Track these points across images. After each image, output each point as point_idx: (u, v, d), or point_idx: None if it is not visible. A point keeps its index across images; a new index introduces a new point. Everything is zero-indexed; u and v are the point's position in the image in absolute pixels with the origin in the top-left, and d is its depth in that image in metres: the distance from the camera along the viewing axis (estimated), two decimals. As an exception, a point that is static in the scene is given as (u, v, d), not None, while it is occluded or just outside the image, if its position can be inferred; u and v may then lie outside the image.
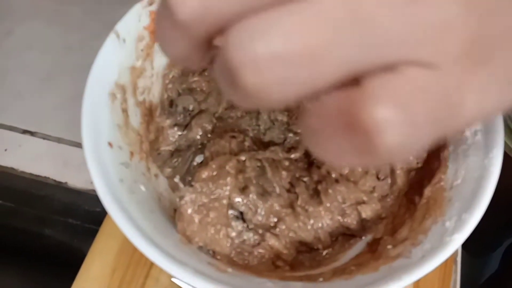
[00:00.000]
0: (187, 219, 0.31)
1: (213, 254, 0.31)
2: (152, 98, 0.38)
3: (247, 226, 0.32)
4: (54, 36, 0.56)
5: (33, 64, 0.54)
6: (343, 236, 0.33)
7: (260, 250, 0.31)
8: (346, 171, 0.33)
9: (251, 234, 0.32)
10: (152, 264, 0.37)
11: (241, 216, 0.32)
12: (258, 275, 0.29)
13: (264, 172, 0.33)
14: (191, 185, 0.32)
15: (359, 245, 0.33)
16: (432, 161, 0.34)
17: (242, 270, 0.30)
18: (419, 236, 0.29)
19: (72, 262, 0.39)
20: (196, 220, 0.31)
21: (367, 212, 0.32)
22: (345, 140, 0.12)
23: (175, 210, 0.34)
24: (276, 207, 0.32)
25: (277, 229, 0.32)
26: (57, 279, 0.43)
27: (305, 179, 0.33)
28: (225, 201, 0.32)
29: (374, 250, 0.31)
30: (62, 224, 0.46)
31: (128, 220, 0.28)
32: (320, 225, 0.32)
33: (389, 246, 0.30)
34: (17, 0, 0.60)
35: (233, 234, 0.32)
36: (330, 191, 0.32)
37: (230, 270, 0.29)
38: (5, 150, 0.48)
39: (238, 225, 0.32)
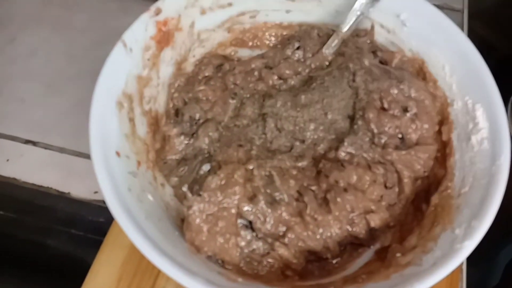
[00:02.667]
0: (195, 228, 0.31)
1: (222, 263, 0.31)
2: (158, 107, 0.38)
3: (256, 235, 0.32)
4: (58, 43, 0.56)
5: (37, 71, 0.54)
6: (352, 245, 0.33)
7: (270, 260, 0.31)
8: (354, 180, 0.33)
9: (260, 244, 0.32)
10: (158, 274, 0.37)
11: (250, 225, 0.32)
12: (268, 285, 0.29)
13: (272, 181, 0.33)
14: (199, 195, 0.32)
15: (367, 254, 0.33)
16: (438, 169, 0.35)
17: (252, 279, 0.30)
18: (429, 244, 0.29)
19: (76, 273, 0.38)
20: (205, 229, 0.31)
21: (375, 221, 0.32)
22: None
23: (182, 220, 0.33)
24: (285, 216, 0.32)
25: (286, 238, 0.32)
26: (61, 290, 0.43)
27: (313, 188, 0.33)
28: (233, 210, 0.32)
29: (383, 258, 0.31)
30: (65, 234, 0.45)
31: (137, 230, 0.27)
32: (329, 234, 0.32)
33: (398, 254, 0.30)
34: (21, 7, 0.60)
35: (243, 243, 0.31)
36: (338, 200, 0.32)
37: (240, 280, 0.29)
38: (7, 160, 0.47)
39: (247, 234, 0.32)
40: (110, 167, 0.30)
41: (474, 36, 0.56)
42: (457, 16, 0.57)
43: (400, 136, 0.35)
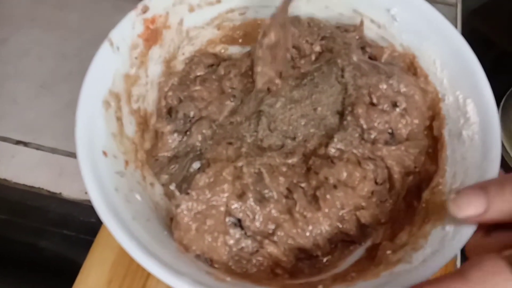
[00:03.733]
0: (183, 227, 0.31)
1: (211, 262, 0.31)
2: (147, 106, 0.38)
3: (245, 233, 0.31)
4: (51, 43, 0.56)
5: (29, 72, 0.54)
6: (343, 242, 0.33)
7: (259, 258, 0.31)
8: (343, 177, 0.32)
9: (249, 242, 0.31)
10: (149, 275, 0.36)
11: (239, 223, 0.32)
12: (258, 284, 0.29)
13: (262, 178, 0.33)
14: (187, 193, 0.32)
15: (358, 252, 0.33)
16: (430, 165, 0.34)
17: (241, 278, 0.29)
18: (420, 241, 0.29)
19: (68, 273, 0.38)
20: (193, 228, 0.31)
21: (366, 217, 0.32)
22: None
23: (171, 219, 0.33)
24: (274, 213, 0.31)
25: (275, 236, 0.31)
26: (53, 291, 0.42)
27: (303, 185, 0.33)
28: (222, 208, 0.31)
29: (373, 256, 0.31)
30: (57, 235, 0.45)
31: (124, 230, 0.27)
32: (319, 231, 0.31)
33: (389, 252, 0.30)
34: (13, 7, 0.60)
35: (231, 241, 0.31)
36: (328, 196, 0.31)
37: (229, 279, 0.28)
38: (-2, 161, 0.47)
39: (236, 232, 0.31)
40: (97, 167, 0.30)
41: (470, 31, 0.56)
42: (451, 10, 0.57)
43: (390, 131, 0.35)
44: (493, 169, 0.29)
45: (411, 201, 0.33)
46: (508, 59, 0.61)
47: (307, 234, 0.31)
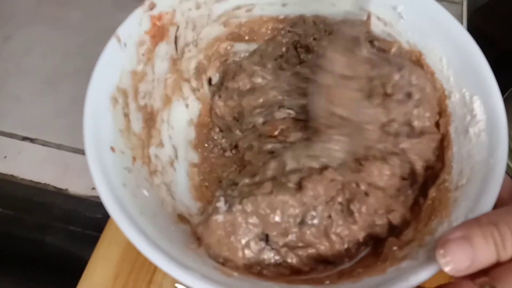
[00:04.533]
0: (210, 231, 0.30)
1: (223, 264, 0.30)
2: (153, 102, 0.38)
3: (271, 247, 0.30)
4: (54, 40, 0.56)
5: (33, 69, 0.54)
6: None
7: (279, 269, 0.30)
8: (375, 177, 0.32)
9: (271, 254, 0.30)
10: (155, 270, 0.37)
11: (265, 238, 0.31)
12: (265, 279, 0.29)
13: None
14: (230, 207, 0.30)
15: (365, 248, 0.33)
16: (436, 162, 0.34)
17: (247, 273, 0.29)
18: (426, 237, 0.29)
19: (74, 269, 0.38)
20: (217, 237, 0.30)
21: (397, 219, 0.31)
22: None
23: (178, 215, 0.33)
24: (310, 238, 0.30)
25: (303, 251, 0.30)
26: (59, 286, 0.43)
27: (339, 199, 0.31)
28: (258, 230, 0.30)
29: (379, 252, 0.31)
30: (63, 231, 0.45)
31: (132, 225, 0.27)
32: (352, 243, 0.31)
33: (395, 248, 0.30)
34: (16, 5, 0.60)
35: (251, 254, 0.30)
36: (363, 209, 0.31)
37: (236, 274, 0.28)
38: (5, 157, 0.47)
39: (259, 246, 0.30)
40: (105, 163, 0.30)
41: (475, 29, 0.55)
42: (456, 8, 0.57)
43: (409, 123, 0.34)
44: (500, 166, 0.29)
45: (417, 198, 0.33)
46: (510, 59, 0.61)
47: (342, 249, 0.31)
